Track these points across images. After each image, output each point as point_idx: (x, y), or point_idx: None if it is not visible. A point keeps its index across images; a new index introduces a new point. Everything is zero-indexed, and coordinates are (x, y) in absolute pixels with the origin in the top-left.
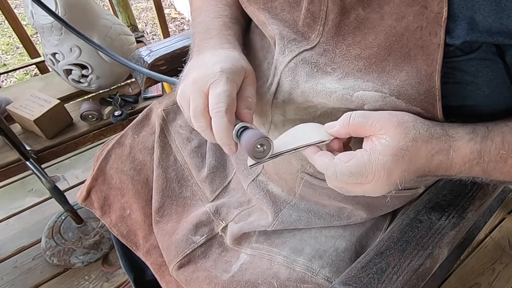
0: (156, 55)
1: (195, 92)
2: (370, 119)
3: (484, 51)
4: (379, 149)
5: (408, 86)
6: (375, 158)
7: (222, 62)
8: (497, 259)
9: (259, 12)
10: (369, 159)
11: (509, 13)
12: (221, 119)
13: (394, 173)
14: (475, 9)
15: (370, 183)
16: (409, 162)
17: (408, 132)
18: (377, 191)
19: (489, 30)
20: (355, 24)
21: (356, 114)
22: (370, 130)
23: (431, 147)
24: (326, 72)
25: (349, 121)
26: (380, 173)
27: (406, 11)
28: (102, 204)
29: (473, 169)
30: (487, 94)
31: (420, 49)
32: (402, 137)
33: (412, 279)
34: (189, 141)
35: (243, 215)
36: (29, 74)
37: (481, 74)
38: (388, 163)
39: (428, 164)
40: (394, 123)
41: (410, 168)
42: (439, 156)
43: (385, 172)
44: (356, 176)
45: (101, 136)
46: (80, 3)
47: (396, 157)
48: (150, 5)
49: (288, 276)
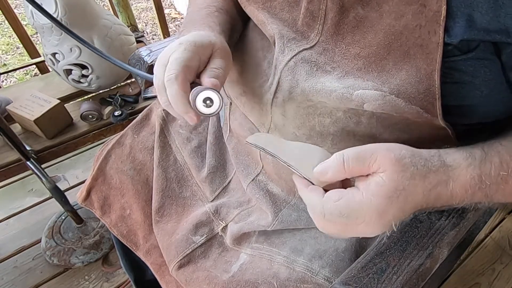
0: (156, 55)
1: (157, 67)
2: (366, 160)
3: (482, 51)
4: (373, 189)
5: (408, 85)
6: (367, 199)
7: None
8: (497, 259)
9: (258, 11)
10: (361, 200)
11: (507, 11)
12: (172, 86)
13: (387, 215)
14: (473, 6)
15: (361, 225)
16: (404, 201)
17: (406, 169)
18: (370, 232)
19: (486, 28)
20: (354, 23)
21: (349, 157)
22: (368, 171)
23: (429, 182)
24: (325, 71)
25: (343, 166)
26: (371, 216)
27: (405, 10)
28: (102, 204)
29: (476, 195)
30: (485, 94)
31: (419, 47)
32: (400, 176)
33: (412, 279)
34: (189, 141)
35: (243, 215)
36: (29, 74)
37: (479, 74)
38: (381, 205)
39: (426, 199)
40: (392, 160)
41: (405, 207)
42: (438, 189)
43: (377, 214)
44: (346, 218)
45: (101, 136)
46: (80, 3)
47: (391, 198)
48: (150, 5)
49: (288, 276)
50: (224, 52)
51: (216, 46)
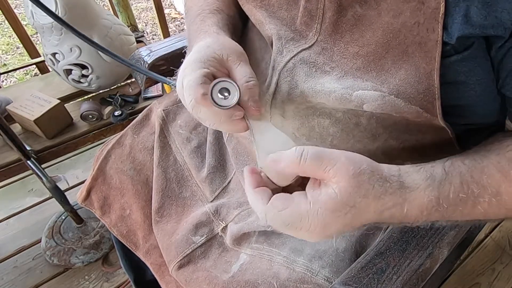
0: (156, 55)
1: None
2: (324, 162)
3: (476, 48)
4: (322, 200)
5: (407, 85)
6: (314, 211)
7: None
8: (497, 259)
9: (256, 10)
10: (307, 210)
11: (504, 6)
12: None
13: (330, 228)
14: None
15: (302, 231)
16: (352, 218)
17: (361, 186)
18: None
19: (483, 24)
20: (353, 22)
21: (309, 153)
22: (322, 175)
23: (382, 203)
24: (324, 71)
25: (299, 161)
26: (315, 227)
27: (403, 7)
28: (102, 204)
29: (432, 216)
30: (479, 93)
31: (418, 45)
32: (353, 192)
33: (412, 279)
34: (189, 141)
35: (243, 215)
36: (29, 74)
37: (473, 74)
38: (327, 219)
39: (378, 217)
40: (349, 173)
41: (352, 223)
42: (392, 210)
43: (321, 226)
44: (288, 227)
45: (101, 136)
46: (80, 3)
47: (338, 213)
48: (150, 5)
49: (288, 276)
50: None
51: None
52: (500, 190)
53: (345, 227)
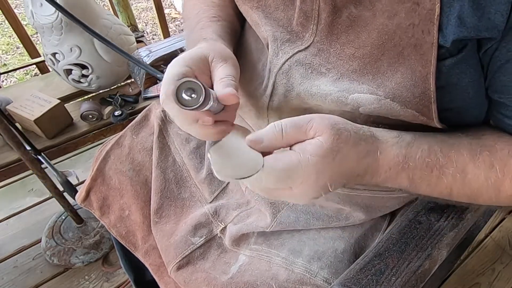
0: (156, 55)
1: None
2: (303, 127)
3: (469, 50)
4: (310, 149)
5: (403, 88)
6: (305, 159)
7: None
8: (497, 259)
9: (252, 11)
10: (299, 160)
11: (497, 8)
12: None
13: (324, 175)
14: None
15: (299, 186)
16: (339, 164)
17: (341, 133)
18: (306, 195)
19: (476, 26)
20: (348, 23)
21: (286, 124)
22: (304, 138)
23: (360, 150)
24: (320, 73)
25: (282, 135)
26: (310, 175)
27: (398, 8)
28: (101, 205)
29: (399, 175)
30: (472, 95)
31: (414, 48)
32: (335, 139)
33: (411, 280)
34: (188, 142)
35: (241, 216)
36: (29, 74)
37: (465, 76)
38: (319, 164)
39: (357, 166)
40: (327, 125)
41: (340, 170)
42: (368, 160)
43: (315, 174)
44: (285, 181)
45: (101, 136)
46: (80, 3)
47: (327, 158)
48: (150, 5)
49: (287, 277)
50: (223, 56)
51: (211, 54)
52: (466, 169)
53: (335, 175)
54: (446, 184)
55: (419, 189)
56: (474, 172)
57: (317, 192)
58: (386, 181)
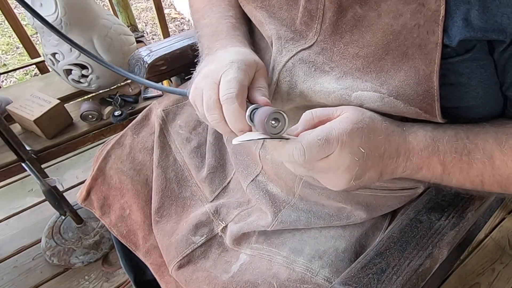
0: (156, 55)
1: (207, 84)
2: (330, 110)
3: (478, 51)
4: (339, 119)
5: (407, 86)
6: (337, 125)
7: (233, 55)
8: (497, 259)
9: (256, 10)
10: (331, 126)
11: (504, 10)
12: (232, 104)
13: (356, 141)
14: (471, 3)
15: (335, 152)
16: (368, 134)
17: (365, 113)
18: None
19: (483, 28)
20: (353, 22)
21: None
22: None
23: (386, 127)
24: (324, 71)
25: (312, 116)
26: (343, 137)
27: (403, 9)
28: (101, 204)
29: (431, 159)
30: (481, 95)
31: (418, 48)
32: (360, 115)
33: (412, 279)
34: (188, 141)
35: (242, 215)
36: (29, 74)
37: (475, 76)
38: (349, 129)
39: (387, 143)
40: (352, 108)
41: (370, 141)
42: (395, 137)
43: (347, 136)
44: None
45: (101, 136)
46: (80, 3)
47: (356, 125)
48: (150, 5)
49: (288, 276)
50: (265, 72)
51: (259, 65)
52: (493, 155)
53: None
54: (477, 171)
55: (452, 177)
56: (501, 158)
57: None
58: (420, 167)
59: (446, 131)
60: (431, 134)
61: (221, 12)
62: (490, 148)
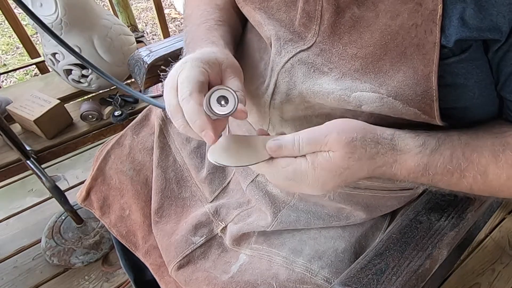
0: (155, 55)
1: (167, 91)
2: (318, 144)
3: (474, 51)
4: (319, 161)
5: (406, 87)
6: (312, 169)
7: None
8: (497, 259)
9: (255, 12)
10: (306, 170)
11: (499, 9)
12: (188, 103)
13: (328, 185)
14: (467, 2)
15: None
16: (346, 177)
17: (355, 151)
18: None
19: (479, 27)
20: (351, 23)
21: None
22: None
23: (374, 163)
24: (323, 72)
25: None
26: (315, 182)
27: (400, 9)
28: (101, 205)
29: (419, 179)
30: (478, 95)
31: (416, 47)
32: (346, 157)
33: (412, 280)
34: (188, 142)
35: (242, 215)
36: (29, 74)
37: (471, 76)
38: (324, 177)
39: (370, 174)
40: (342, 143)
41: (347, 180)
42: (383, 169)
43: (320, 182)
44: (290, 181)
45: (101, 136)
46: (80, 3)
47: (333, 173)
48: (150, 5)
49: (288, 277)
50: (234, 69)
51: (224, 63)
52: (487, 170)
53: (340, 183)
54: (466, 185)
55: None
56: (495, 172)
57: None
58: (404, 181)
59: (443, 153)
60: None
61: (203, 16)
62: (486, 162)
